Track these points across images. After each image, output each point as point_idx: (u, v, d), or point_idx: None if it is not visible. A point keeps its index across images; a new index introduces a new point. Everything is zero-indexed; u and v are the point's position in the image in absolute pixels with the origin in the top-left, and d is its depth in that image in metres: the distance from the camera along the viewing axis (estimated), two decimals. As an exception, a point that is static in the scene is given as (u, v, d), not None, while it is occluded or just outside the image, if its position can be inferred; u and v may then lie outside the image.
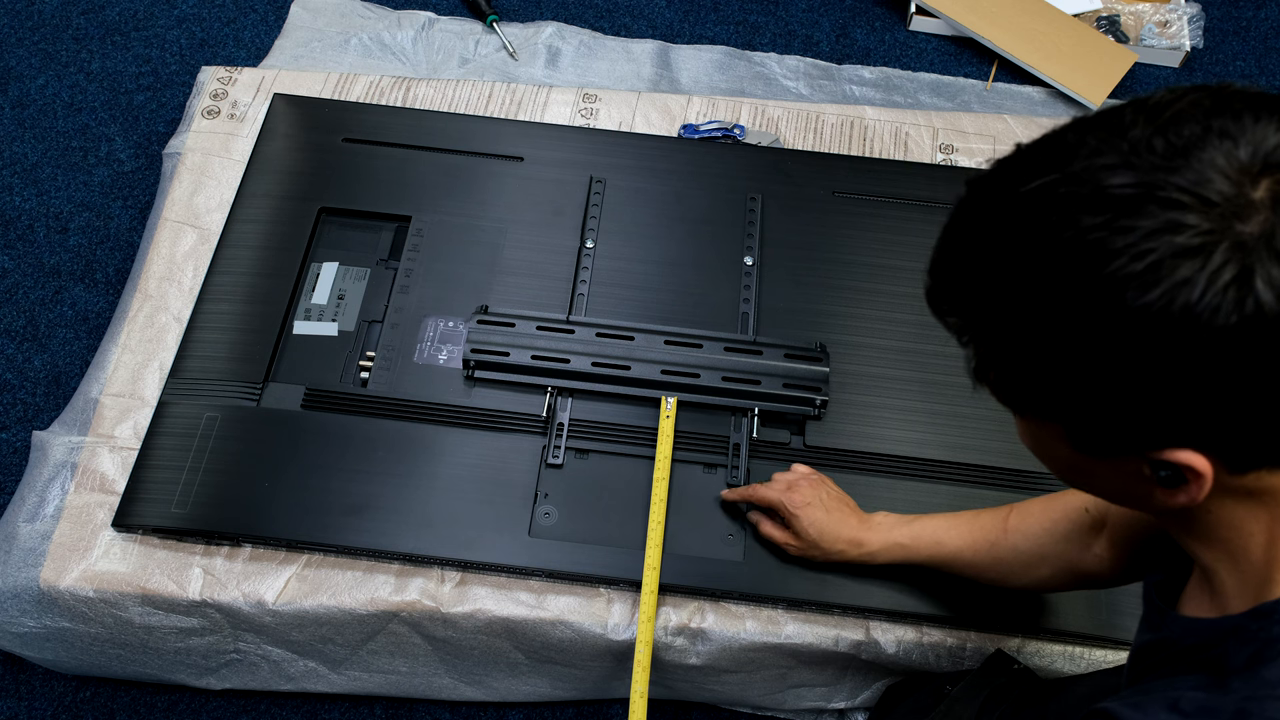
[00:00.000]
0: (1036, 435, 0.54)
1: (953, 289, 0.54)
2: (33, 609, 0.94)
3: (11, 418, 1.18)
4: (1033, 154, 0.50)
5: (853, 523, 0.90)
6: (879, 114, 1.31)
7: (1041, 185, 0.47)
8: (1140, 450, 0.48)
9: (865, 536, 0.89)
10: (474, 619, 0.94)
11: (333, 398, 1.00)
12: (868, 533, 0.89)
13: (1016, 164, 0.50)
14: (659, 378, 1.01)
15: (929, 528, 0.88)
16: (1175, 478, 0.48)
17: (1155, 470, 0.49)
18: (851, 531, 0.89)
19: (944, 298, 0.55)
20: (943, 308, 0.55)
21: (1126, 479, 0.51)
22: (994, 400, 0.56)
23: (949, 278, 0.54)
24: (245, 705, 1.05)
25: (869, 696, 1.01)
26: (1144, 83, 1.54)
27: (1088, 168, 0.45)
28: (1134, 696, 0.53)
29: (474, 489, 0.96)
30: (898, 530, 0.89)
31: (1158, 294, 0.43)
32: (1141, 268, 0.43)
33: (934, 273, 0.55)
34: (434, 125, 1.19)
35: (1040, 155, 0.49)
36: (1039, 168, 0.48)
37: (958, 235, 0.53)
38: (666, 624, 0.94)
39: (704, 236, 1.13)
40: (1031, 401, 0.52)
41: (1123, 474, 0.51)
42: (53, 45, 1.47)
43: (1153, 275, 0.43)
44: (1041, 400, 0.51)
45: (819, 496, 0.91)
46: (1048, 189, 0.46)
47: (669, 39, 1.53)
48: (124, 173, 1.36)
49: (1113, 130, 0.46)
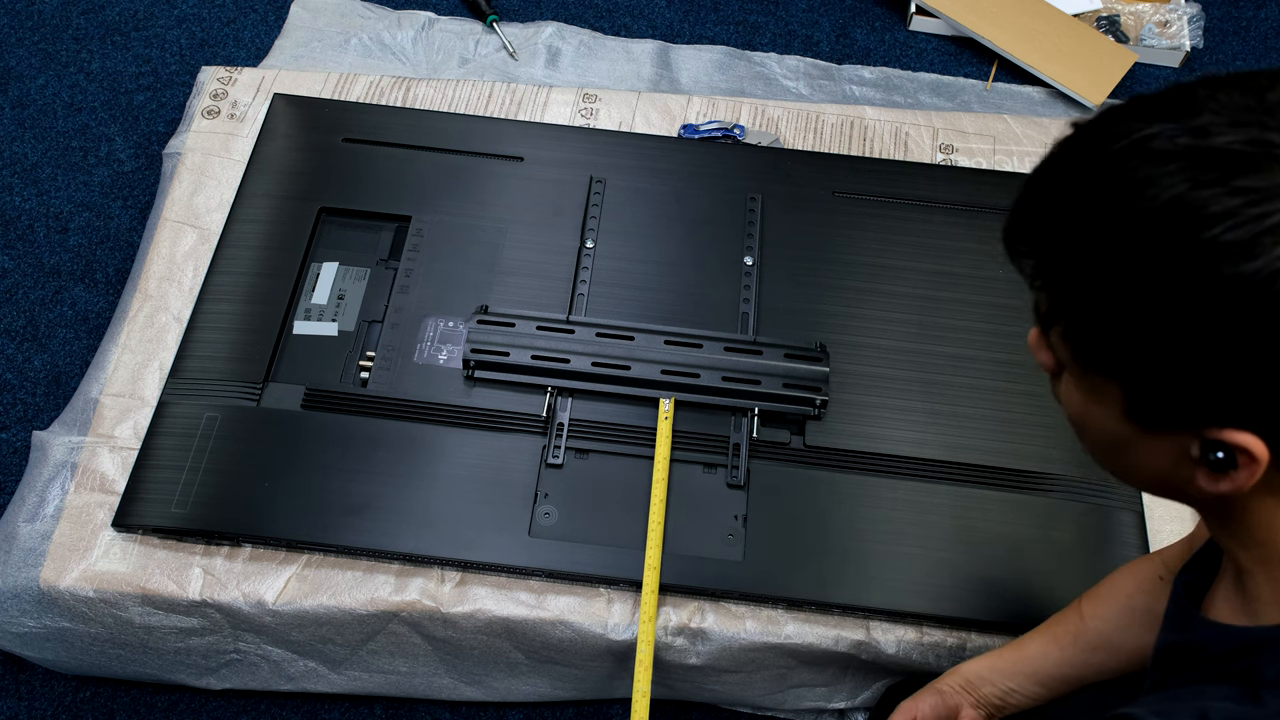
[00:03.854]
0: (1088, 397, 0.52)
1: (1035, 229, 0.50)
2: (33, 609, 0.94)
3: (11, 418, 1.18)
4: (1153, 103, 0.46)
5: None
6: (879, 114, 1.31)
7: (1156, 133, 0.44)
8: (1197, 426, 0.46)
9: (960, 683, 0.82)
10: (474, 619, 0.94)
11: (333, 398, 1.00)
12: (959, 677, 0.82)
13: (1132, 110, 0.47)
14: (659, 378, 1.01)
15: (1012, 643, 0.82)
16: (1226, 461, 0.46)
17: (1206, 451, 0.47)
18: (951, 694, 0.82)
19: (1024, 237, 0.52)
20: (1020, 248, 0.52)
21: (1170, 459, 0.49)
22: (994, 400, 0.55)
23: (1033, 217, 0.51)
24: (245, 705, 1.05)
25: (869, 696, 1.01)
26: (1144, 83, 1.54)
27: (1213, 123, 0.43)
28: (1159, 703, 0.52)
29: (474, 489, 0.96)
30: (989, 664, 0.82)
31: (1258, 265, 0.41)
32: (1245, 235, 0.41)
33: (1017, 210, 0.52)
34: (434, 125, 1.19)
35: (1161, 105, 0.46)
36: (1158, 115, 0.45)
37: (1052, 174, 0.50)
38: (666, 624, 0.94)
39: (704, 236, 1.13)
40: (1097, 356, 0.49)
41: (1168, 452, 0.49)
42: (53, 45, 1.47)
43: (1257, 244, 0.41)
44: (1108, 356, 0.48)
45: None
46: (1162, 137, 0.44)
47: (669, 39, 1.53)
48: (124, 173, 1.36)
49: (1249, 91, 0.44)
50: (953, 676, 0.82)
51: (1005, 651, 0.82)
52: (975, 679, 0.81)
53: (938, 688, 0.82)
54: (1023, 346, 1.07)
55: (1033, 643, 0.81)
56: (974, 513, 0.98)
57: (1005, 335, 1.08)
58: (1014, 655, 0.81)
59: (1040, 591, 0.94)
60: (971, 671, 0.82)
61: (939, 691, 0.82)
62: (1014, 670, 0.81)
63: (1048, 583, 0.94)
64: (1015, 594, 0.94)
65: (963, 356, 1.06)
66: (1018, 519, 0.98)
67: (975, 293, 1.10)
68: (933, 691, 0.82)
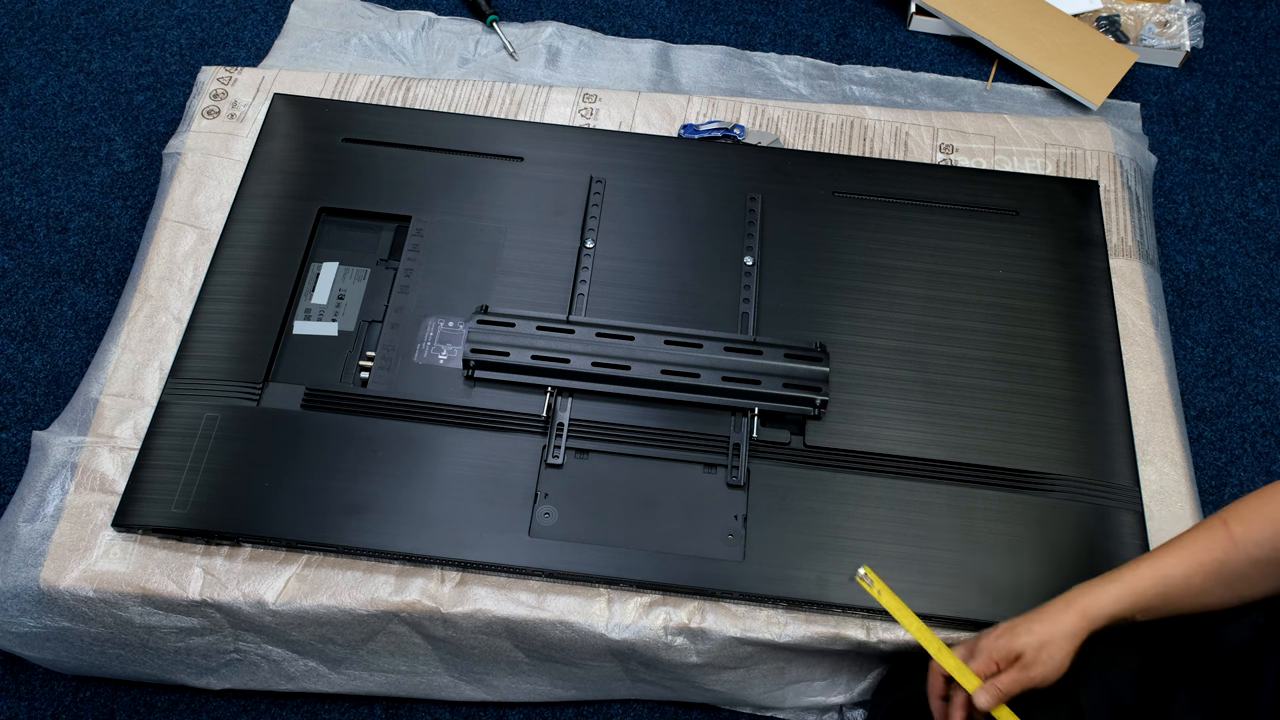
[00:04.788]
0: None
1: None
2: (33, 609, 0.94)
3: (11, 418, 1.18)
4: None
5: (1057, 607, 0.80)
6: (879, 114, 1.31)
7: None
8: None
9: (1083, 604, 0.79)
10: (474, 619, 0.94)
11: (333, 398, 1.00)
12: (1077, 599, 0.79)
13: None
14: (659, 378, 1.01)
15: (1145, 567, 0.79)
16: None
17: None
18: (1063, 613, 0.79)
19: None
20: None
21: None
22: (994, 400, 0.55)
23: None
24: (245, 705, 1.05)
25: (867, 687, 1.01)
26: (1144, 83, 1.54)
27: None
28: None
29: (474, 489, 0.96)
30: (1110, 584, 0.79)
31: None
32: None
33: None
34: (434, 125, 1.19)
35: None
36: None
37: None
38: (667, 624, 0.94)
39: (704, 236, 1.13)
40: None
41: None
42: (53, 45, 1.47)
43: None
44: None
45: (1003, 626, 0.82)
46: None
47: (669, 39, 1.53)
48: (124, 173, 1.36)
49: None
50: (1070, 617, 0.77)
51: (1141, 581, 0.77)
52: (1103, 617, 0.77)
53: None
54: (1023, 347, 1.08)
55: (1172, 565, 0.77)
56: (974, 513, 0.98)
57: (1005, 335, 1.08)
58: (1157, 588, 0.77)
59: (1040, 591, 0.94)
60: (1103, 612, 0.77)
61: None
62: (1156, 606, 0.77)
63: (1048, 583, 0.94)
64: (1015, 594, 0.94)
65: (963, 356, 1.06)
66: (1018, 519, 0.98)
67: (975, 293, 1.10)
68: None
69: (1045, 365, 1.06)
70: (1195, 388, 1.29)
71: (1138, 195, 1.26)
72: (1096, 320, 1.10)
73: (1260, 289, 1.37)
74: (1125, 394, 1.06)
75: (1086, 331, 1.09)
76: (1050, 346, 1.07)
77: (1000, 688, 0.79)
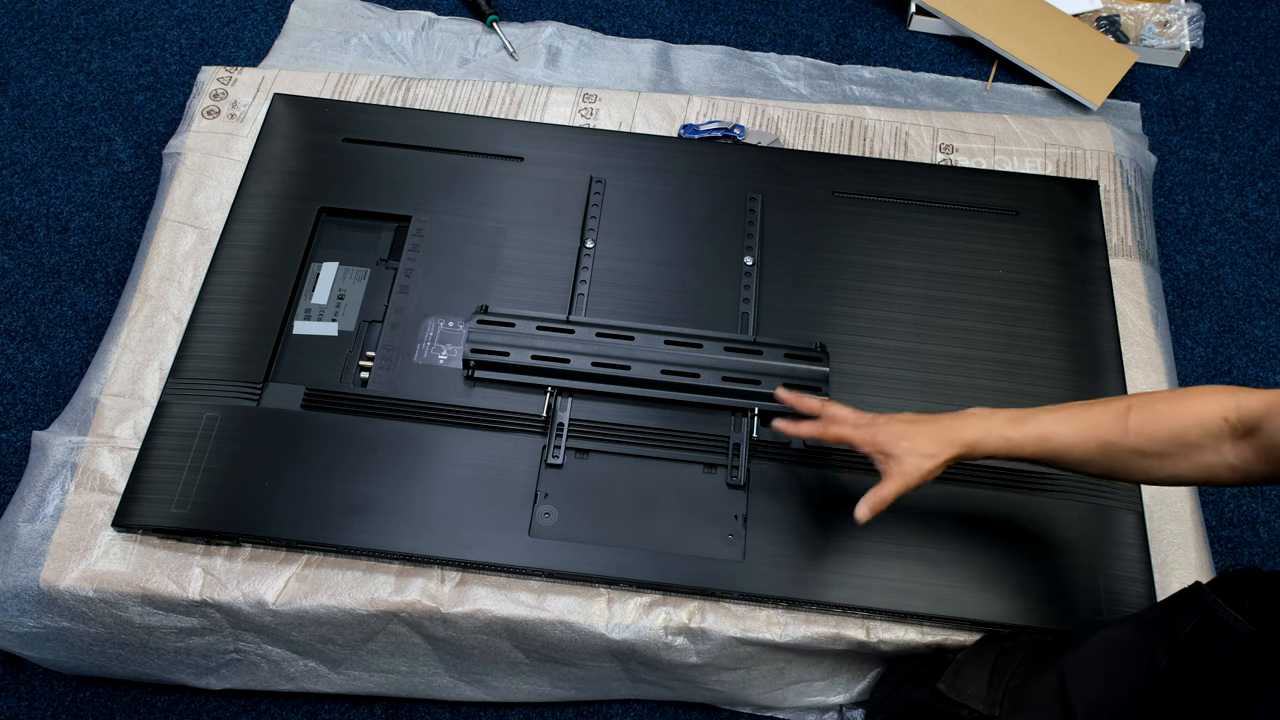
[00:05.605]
0: None
1: None
2: (33, 609, 0.94)
3: (11, 418, 1.18)
4: None
5: (940, 421, 0.84)
6: (879, 114, 1.31)
7: None
8: None
9: (962, 426, 0.83)
10: (474, 619, 0.94)
11: (333, 398, 1.00)
12: (963, 422, 0.83)
13: None
14: (659, 378, 1.01)
15: (1037, 423, 0.81)
16: None
17: None
18: (946, 426, 0.83)
19: None
20: None
21: None
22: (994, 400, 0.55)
23: None
24: (245, 705, 1.05)
25: (867, 687, 1.01)
26: (1144, 83, 1.54)
27: None
28: None
29: (474, 489, 0.96)
30: (1000, 422, 0.82)
31: None
32: None
33: None
34: (434, 125, 1.19)
35: None
36: None
37: None
38: (667, 624, 0.94)
39: (704, 236, 1.13)
40: None
41: None
42: (53, 45, 1.47)
43: None
44: None
45: (890, 416, 0.86)
46: None
47: (669, 39, 1.53)
48: (124, 173, 1.36)
49: None
50: (948, 442, 0.82)
51: (1027, 429, 0.81)
52: (978, 447, 0.82)
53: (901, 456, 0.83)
54: (1023, 346, 1.08)
55: (1062, 431, 0.80)
56: (974, 513, 0.98)
57: (1005, 335, 1.08)
58: (1036, 439, 0.81)
59: (1040, 591, 0.94)
60: (980, 446, 0.82)
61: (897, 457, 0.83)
62: (1031, 450, 0.81)
63: (1048, 583, 0.94)
64: (1015, 594, 0.94)
65: (963, 356, 1.06)
66: (1018, 519, 0.98)
67: (975, 293, 1.10)
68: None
69: (1045, 365, 1.06)
70: (1195, 388, 1.28)
71: (1138, 195, 1.26)
72: (1096, 320, 1.10)
73: (1260, 289, 1.37)
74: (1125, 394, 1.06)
75: (1086, 331, 1.09)
76: (1050, 346, 1.07)
77: (836, 420, 0.87)
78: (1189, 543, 1.02)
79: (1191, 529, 1.03)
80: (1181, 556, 1.01)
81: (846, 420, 0.87)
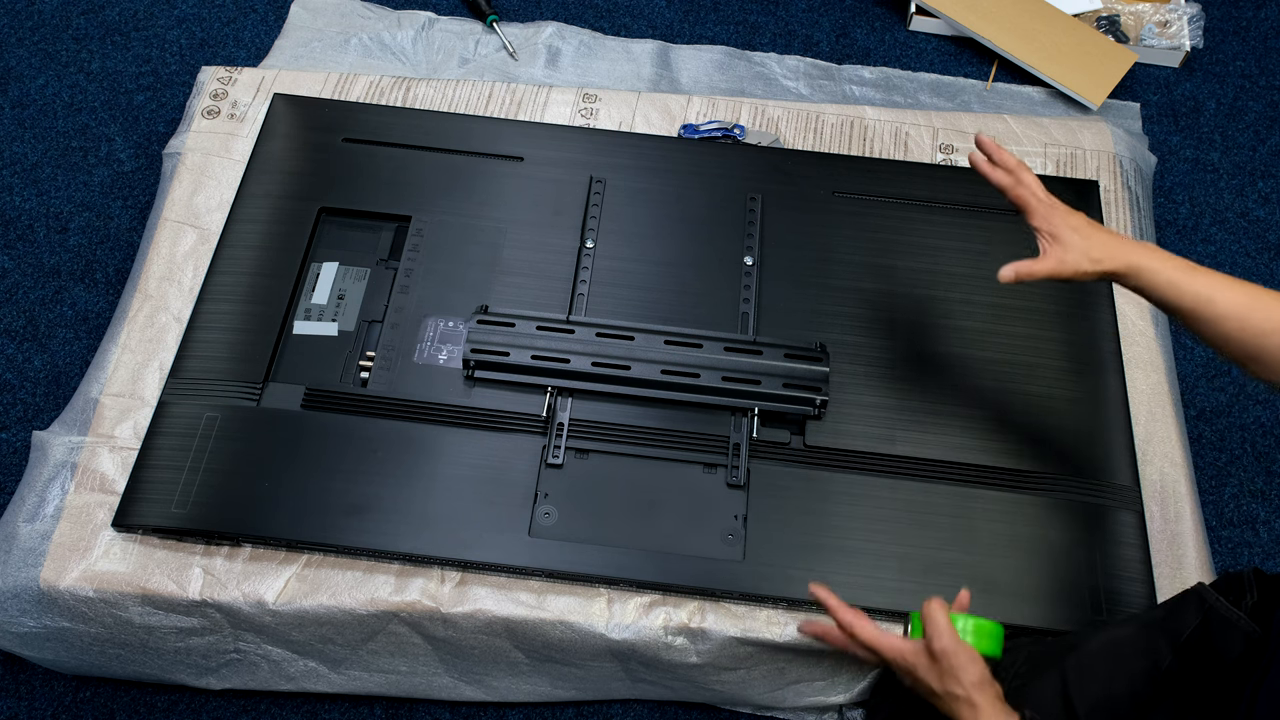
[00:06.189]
0: None
1: None
2: (33, 609, 0.94)
3: (11, 418, 1.18)
4: None
5: (1121, 237, 0.83)
6: (879, 114, 1.31)
7: None
8: None
9: (1136, 249, 0.81)
10: (474, 619, 0.94)
11: (333, 398, 1.00)
12: (1139, 247, 0.82)
13: None
14: (659, 378, 1.01)
15: (1207, 280, 0.80)
16: None
17: None
18: (1121, 242, 0.82)
19: None
20: None
21: None
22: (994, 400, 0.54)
23: None
24: (245, 705, 1.05)
25: (866, 687, 1.01)
26: (1144, 83, 1.54)
27: None
28: None
29: (474, 489, 0.96)
30: (1173, 265, 0.81)
31: None
32: None
33: None
34: (434, 125, 1.19)
35: None
36: None
37: None
38: (667, 624, 0.94)
39: (704, 236, 1.13)
40: None
41: None
42: (53, 45, 1.47)
43: None
44: None
45: (1075, 211, 0.85)
46: None
47: (669, 39, 1.53)
48: (124, 173, 1.36)
49: None
50: (1116, 256, 0.81)
51: (1197, 283, 0.80)
52: (1142, 275, 0.81)
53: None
54: (1023, 347, 1.08)
55: (1227, 299, 0.79)
56: (974, 513, 0.98)
57: (1005, 335, 1.08)
58: (1198, 294, 0.79)
59: (1040, 591, 0.94)
60: (1145, 270, 0.81)
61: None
62: (1189, 303, 0.80)
63: (1048, 583, 0.94)
64: (1015, 594, 0.94)
65: (963, 356, 1.06)
66: (1018, 519, 0.98)
67: (975, 293, 1.10)
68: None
69: (1045, 365, 1.06)
70: (1195, 388, 1.29)
71: (1138, 195, 1.26)
72: (1096, 320, 1.10)
73: (1260, 289, 1.37)
74: (1125, 394, 1.06)
75: (1086, 331, 1.09)
76: (1050, 346, 1.07)
77: (1025, 184, 0.87)
78: (1189, 543, 1.02)
79: (1191, 529, 1.03)
80: (1181, 556, 1.01)
81: (1033, 189, 0.86)
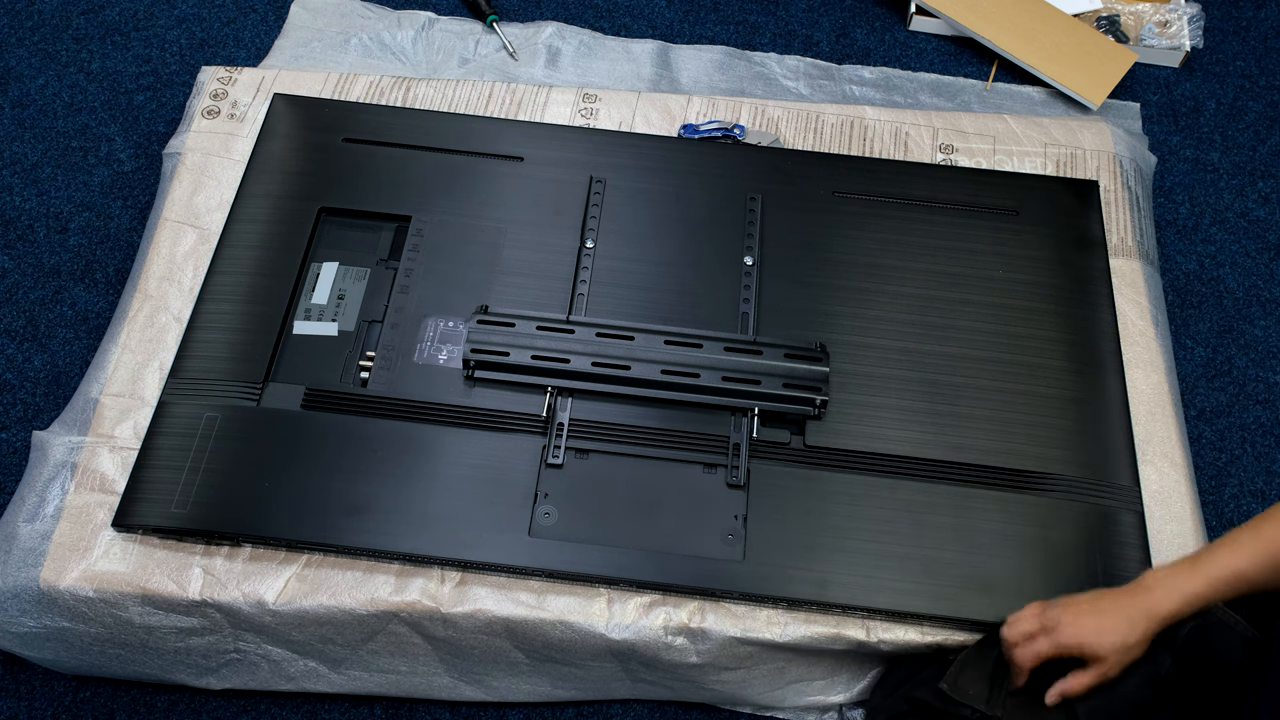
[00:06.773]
0: None
1: None
2: (33, 609, 0.94)
3: (11, 418, 1.18)
4: None
5: (1124, 601, 0.80)
6: (879, 114, 1.31)
7: None
8: None
9: (1151, 603, 0.79)
10: (474, 619, 0.94)
11: (333, 398, 1.00)
12: (1149, 598, 0.79)
13: None
14: (659, 378, 1.01)
15: (1220, 564, 0.79)
16: None
17: None
18: (1130, 609, 0.79)
19: None
20: None
21: None
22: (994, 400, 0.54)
23: None
24: (245, 705, 1.05)
25: (866, 687, 1.01)
26: (1144, 83, 1.54)
27: None
28: None
29: (474, 489, 0.96)
30: (1185, 580, 0.79)
31: None
32: None
33: None
34: (434, 125, 1.19)
35: None
36: None
37: None
38: (667, 624, 0.94)
39: (704, 236, 1.13)
40: None
41: None
42: (53, 45, 1.47)
43: None
44: None
45: (1065, 602, 0.83)
46: None
47: (669, 39, 1.53)
48: (124, 173, 1.36)
49: None
50: (1144, 578, 0.79)
51: (1214, 577, 0.78)
52: (1176, 618, 0.79)
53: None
54: (1023, 347, 1.08)
55: (1248, 563, 0.77)
56: (974, 513, 0.98)
57: (1005, 335, 1.08)
58: (1225, 584, 0.78)
59: (1040, 592, 0.94)
60: (1174, 614, 0.78)
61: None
62: (1225, 596, 0.78)
63: (1048, 583, 0.94)
64: (1015, 594, 0.94)
65: (963, 356, 1.06)
66: (1018, 519, 0.98)
67: (975, 293, 1.10)
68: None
69: (1045, 365, 1.06)
70: (1195, 388, 1.29)
71: (1138, 195, 1.26)
72: (1096, 320, 1.10)
73: (1260, 289, 1.37)
74: (1125, 394, 1.06)
75: (1086, 331, 1.09)
76: (1050, 346, 1.07)
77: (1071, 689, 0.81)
78: (1189, 543, 1.02)
79: (1191, 529, 1.03)
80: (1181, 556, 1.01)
81: (1037, 650, 0.82)
